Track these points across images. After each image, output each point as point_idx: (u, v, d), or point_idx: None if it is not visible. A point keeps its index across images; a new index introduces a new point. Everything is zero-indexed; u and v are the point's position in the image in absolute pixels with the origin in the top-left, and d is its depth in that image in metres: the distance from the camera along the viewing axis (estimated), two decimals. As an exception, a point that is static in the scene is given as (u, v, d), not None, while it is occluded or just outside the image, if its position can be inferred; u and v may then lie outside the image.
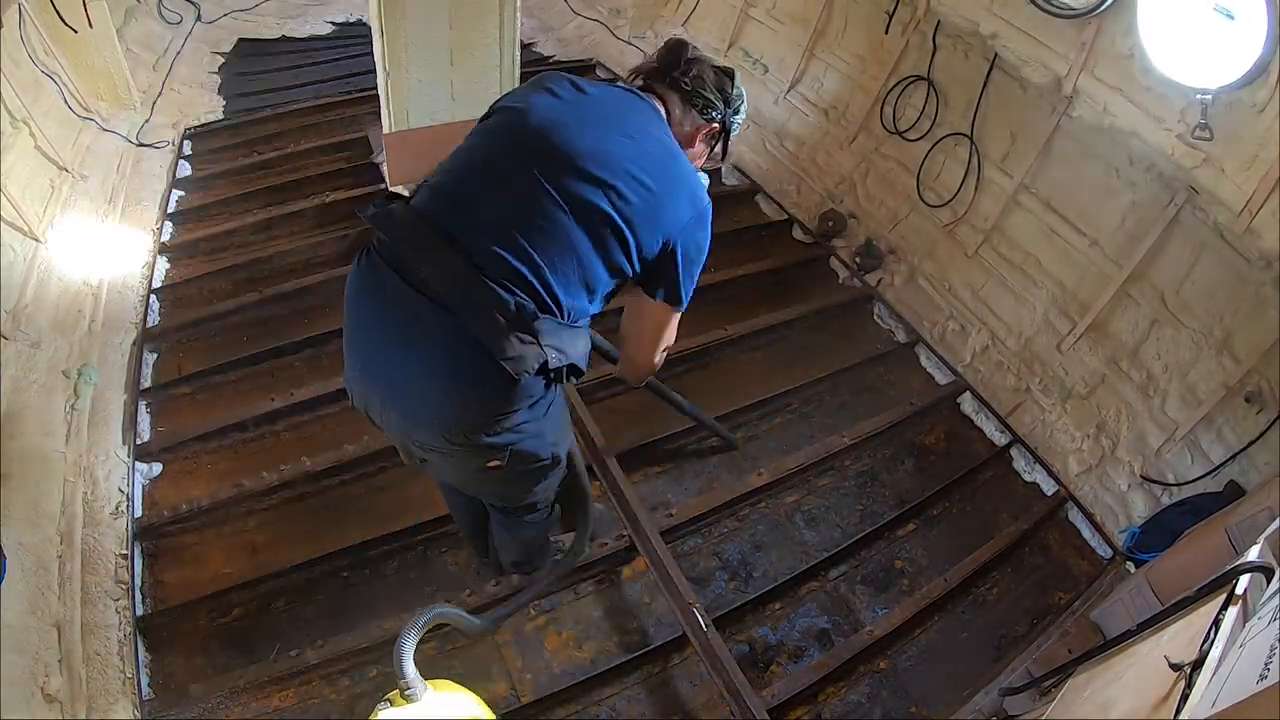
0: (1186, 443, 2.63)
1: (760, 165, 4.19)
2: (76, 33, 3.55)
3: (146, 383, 2.77)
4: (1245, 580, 1.23)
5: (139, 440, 2.56)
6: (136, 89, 3.99)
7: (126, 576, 2.19)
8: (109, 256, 3.16)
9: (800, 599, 2.40)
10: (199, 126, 4.09)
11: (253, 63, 4.82)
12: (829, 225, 3.77)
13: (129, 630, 2.08)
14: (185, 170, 3.80)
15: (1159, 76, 2.51)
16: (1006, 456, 2.94)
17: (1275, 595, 1.10)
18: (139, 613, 2.12)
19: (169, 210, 3.52)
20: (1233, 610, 1.17)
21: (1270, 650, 0.88)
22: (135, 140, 3.81)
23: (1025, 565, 2.59)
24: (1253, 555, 1.30)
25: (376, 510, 2.45)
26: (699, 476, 2.74)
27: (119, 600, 2.13)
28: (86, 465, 2.39)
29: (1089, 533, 2.68)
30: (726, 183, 4.12)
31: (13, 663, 1.87)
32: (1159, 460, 2.68)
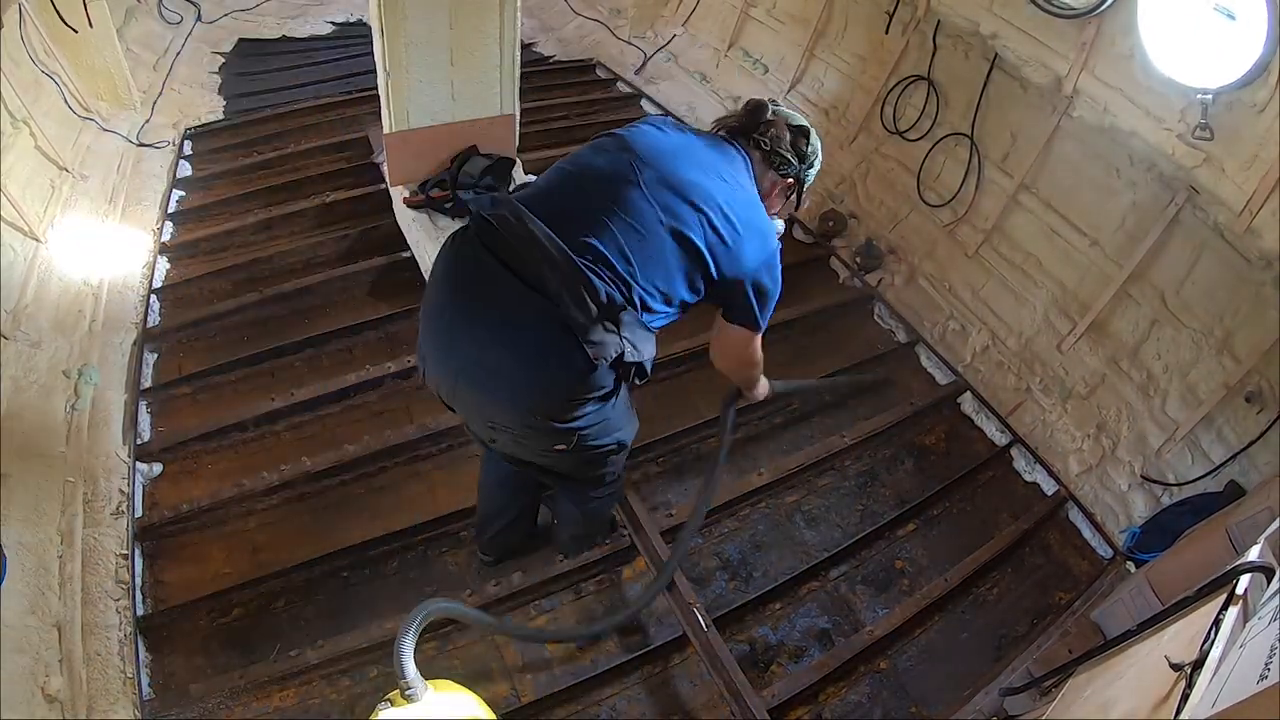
0: (1187, 443, 2.64)
1: (760, 165, 4.18)
2: (76, 33, 3.55)
3: (147, 383, 2.76)
4: (1245, 580, 1.23)
5: (139, 440, 2.55)
6: (136, 89, 3.98)
7: (127, 576, 2.19)
8: (109, 256, 3.16)
9: (800, 599, 2.40)
10: (199, 126, 4.08)
11: (253, 63, 4.82)
12: (829, 225, 3.77)
13: (129, 630, 2.08)
14: (185, 170, 3.80)
15: (1159, 76, 2.51)
16: (1007, 456, 2.95)
17: (1276, 595, 1.10)
18: (139, 613, 2.12)
19: (169, 210, 3.52)
20: (1233, 610, 1.17)
21: (1270, 650, 0.88)
22: (135, 140, 3.81)
23: (1025, 565, 2.59)
24: (1253, 555, 1.30)
25: (376, 510, 2.46)
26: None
27: (119, 600, 2.13)
28: (86, 465, 2.39)
29: (1089, 533, 2.68)
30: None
31: (13, 663, 1.87)
32: (1159, 460, 2.68)
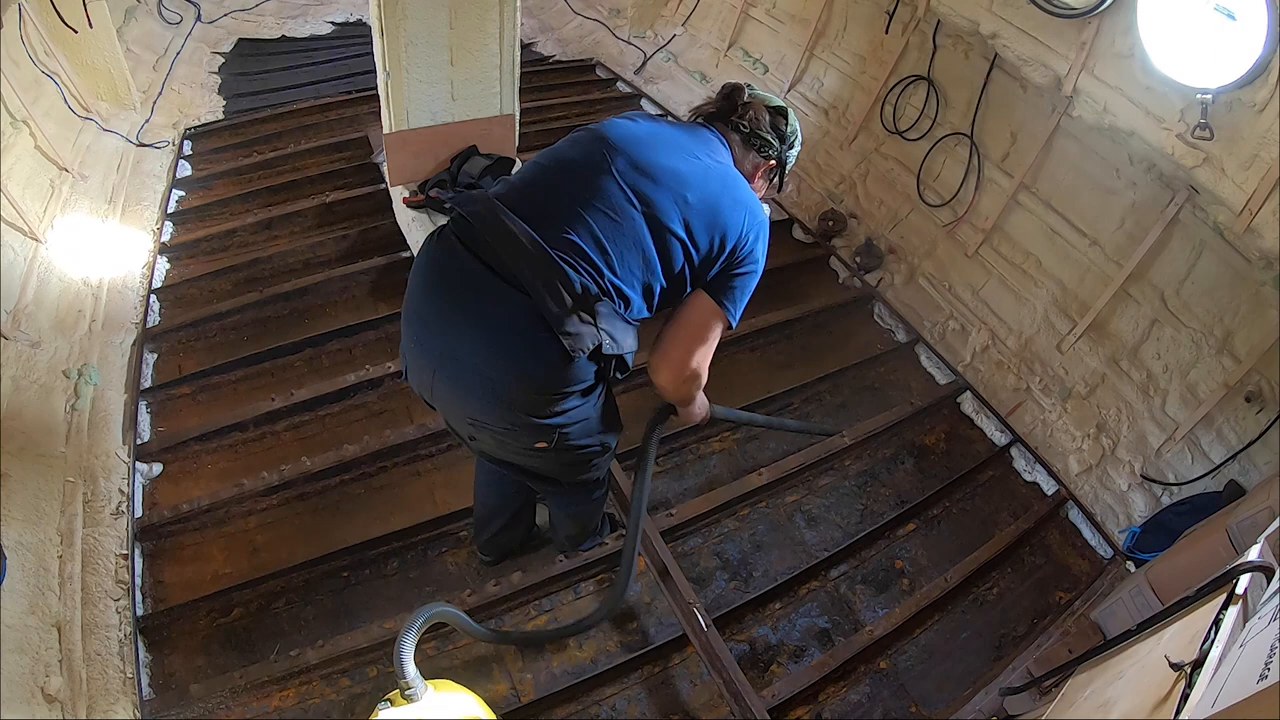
0: (1187, 442, 2.64)
1: (760, 165, 4.19)
2: (76, 33, 3.55)
3: (146, 383, 2.76)
4: (1245, 580, 1.23)
5: (139, 440, 2.56)
6: (136, 89, 3.98)
7: (126, 576, 2.19)
8: (109, 256, 3.16)
9: (800, 599, 2.40)
10: (199, 126, 4.08)
11: (253, 63, 4.82)
12: (829, 225, 3.77)
13: (129, 630, 2.08)
14: (185, 170, 3.80)
15: (1159, 76, 2.51)
16: (1007, 456, 2.95)
17: (1275, 595, 1.10)
18: (139, 613, 2.12)
19: (169, 210, 3.52)
20: (1233, 610, 1.17)
21: (1270, 650, 0.88)
22: (135, 140, 3.81)
23: (1025, 565, 2.59)
24: (1253, 555, 1.30)
25: (376, 510, 2.46)
26: (699, 476, 2.74)
27: (119, 600, 2.13)
28: (86, 465, 2.39)
29: (1089, 532, 2.68)
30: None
31: (13, 663, 1.87)
32: (1159, 460, 2.68)
